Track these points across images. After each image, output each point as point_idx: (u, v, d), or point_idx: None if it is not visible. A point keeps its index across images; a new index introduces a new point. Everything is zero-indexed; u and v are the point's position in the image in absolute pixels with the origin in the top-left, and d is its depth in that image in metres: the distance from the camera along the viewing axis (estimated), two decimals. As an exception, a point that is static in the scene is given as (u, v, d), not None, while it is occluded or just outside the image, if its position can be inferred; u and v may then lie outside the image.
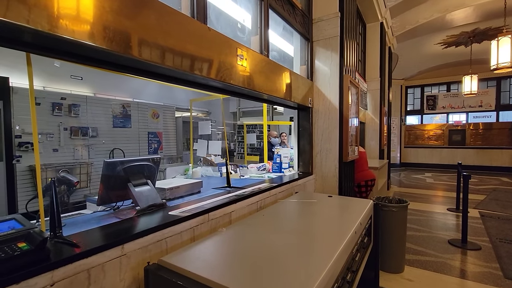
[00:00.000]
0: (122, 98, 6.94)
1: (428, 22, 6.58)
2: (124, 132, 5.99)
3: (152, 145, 6.65)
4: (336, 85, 2.58)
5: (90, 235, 1.00)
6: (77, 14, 0.83)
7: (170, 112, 7.18)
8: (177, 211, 1.30)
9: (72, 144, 5.07)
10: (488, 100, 10.20)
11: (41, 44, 0.85)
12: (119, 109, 5.91)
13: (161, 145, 6.85)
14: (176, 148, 7.35)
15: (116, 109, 5.86)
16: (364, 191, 3.43)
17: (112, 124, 5.74)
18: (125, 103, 6.07)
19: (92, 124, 5.37)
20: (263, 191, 1.83)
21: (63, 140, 4.94)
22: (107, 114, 5.65)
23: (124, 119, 6.00)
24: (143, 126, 6.44)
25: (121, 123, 5.94)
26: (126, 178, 1.35)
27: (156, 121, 6.73)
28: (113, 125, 5.75)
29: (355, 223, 1.34)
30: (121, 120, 5.94)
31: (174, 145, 7.27)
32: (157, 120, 6.75)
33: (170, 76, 1.29)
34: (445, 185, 7.44)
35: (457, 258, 2.97)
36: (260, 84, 1.80)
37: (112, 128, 5.72)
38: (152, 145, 6.65)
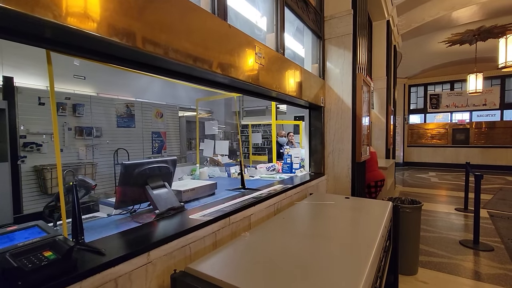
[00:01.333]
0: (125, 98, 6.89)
1: (434, 20, 6.52)
2: (128, 132, 5.95)
3: (155, 144, 6.61)
4: (348, 84, 2.54)
5: (113, 241, 0.95)
6: (102, 8, 0.78)
7: (174, 111, 7.13)
8: (197, 215, 1.25)
9: (77, 144, 5.03)
10: (493, 98, 10.14)
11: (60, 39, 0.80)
12: (123, 109, 5.86)
13: (165, 145, 6.80)
14: (179, 148, 7.31)
15: (120, 109, 5.81)
16: (374, 191, 3.39)
17: (116, 124, 5.69)
18: (129, 102, 6.02)
19: (96, 124, 5.33)
20: (279, 192, 1.79)
21: (68, 140, 4.89)
22: (111, 114, 5.61)
23: (128, 119, 5.96)
24: (147, 126, 6.40)
25: (125, 123, 5.89)
26: (143, 180, 1.30)
27: (160, 121, 6.68)
28: (117, 125, 5.70)
29: (380, 227, 1.30)
30: (125, 120, 5.90)
31: (178, 145, 7.23)
32: (161, 120, 6.70)
33: (190, 75, 1.24)
34: (450, 184, 7.39)
35: (470, 260, 2.93)
36: (275, 82, 1.75)
37: (116, 128, 5.68)
38: (155, 144, 6.61)
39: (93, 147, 5.24)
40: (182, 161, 7.05)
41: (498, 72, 10.07)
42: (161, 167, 1.39)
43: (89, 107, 5.26)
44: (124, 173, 1.25)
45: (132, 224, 1.20)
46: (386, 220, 1.46)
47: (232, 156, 8.88)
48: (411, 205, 2.64)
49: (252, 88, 1.61)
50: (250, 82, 1.46)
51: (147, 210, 1.38)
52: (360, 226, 1.37)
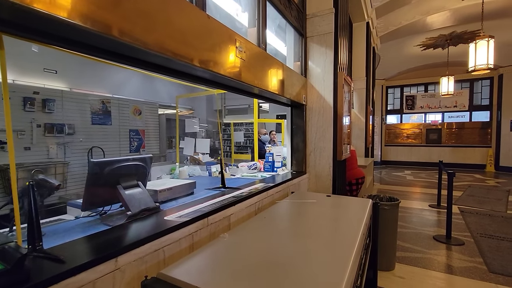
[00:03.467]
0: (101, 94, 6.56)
1: (410, 24, 6.78)
2: (103, 129, 5.67)
3: (133, 143, 6.36)
4: (330, 82, 2.55)
5: (76, 246, 0.87)
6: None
7: (153, 108, 6.89)
8: (173, 215, 1.18)
9: (46, 142, 4.71)
10: (462, 100, 10.74)
11: (17, 21, 0.71)
12: (98, 105, 5.57)
13: (143, 143, 6.56)
14: (159, 146, 7.08)
15: (95, 105, 5.52)
16: (355, 189, 3.45)
17: (90, 121, 5.40)
18: (105, 99, 5.74)
19: (69, 120, 5.02)
20: (261, 191, 1.75)
21: (36, 137, 4.57)
22: (85, 110, 5.31)
23: (103, 116, 5.67)
24: (124, 124, 6.13)
25: (100, 120, 5.60)
26: (115, 180, 1.21)
27: (138, 118, 6.43)
28: (91, 122, 5.41)
29: (361, 225, 1.29)
30: (100, 117, 5.61)
31: (157, 143, 7.00)
32: (139, 117, 6.45)
33: (169, 68, 1.17)
34: (424, 182, 7.74)
35: (443, 254, 3.05)
36: (257, 78, 1.71)
37: (90, 125, 5.38)
38: (133, 143, 6.36)
39: (64, 145, 4.93)
40: (162, 160, 6.84)
41: (468, 75, 10.69)
42: (135, 166, 1.30)
43: (61, 102, 4.94)
44: (93, 172, 1.15)
45: (101, 227, 1.11)
46: (366, 217, 1.46)
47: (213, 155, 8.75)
48: (390, 202, 2.71)
49: (233, 84, 1.56)
50: (231, 77, 1.40)
51: (119, 211, 1.29)
52: (342, 224, 1.36)
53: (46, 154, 4.70)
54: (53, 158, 4.77)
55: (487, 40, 4.88)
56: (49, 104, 4.72)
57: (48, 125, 4.70)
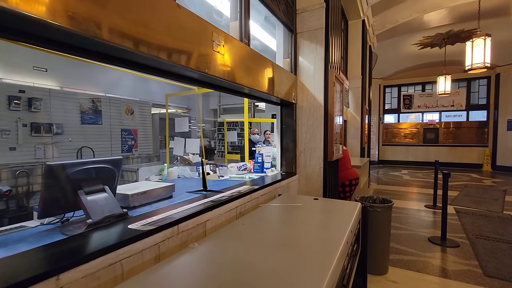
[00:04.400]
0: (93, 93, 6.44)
1: (407, 22, 6.69)
2: (94, 129, 5.55)
3: (126, 143, 6.24)
4: (321, 80, 2.45)
5: (14, 262, 0.76)
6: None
7: (146, 108, 6.77)
8: (139, 223, 1.08)
9: (33, 142, 4.59)
10: (459, 100, 10.68)
11: None
12: (88, 104, 5.45)
13: (136, 143, 6.45)
14: (152, 146, 6.97)
15: (85, 104, 5.40)
16: (348, 190, 3.36)
17: (80, 120, 5.28)
18: (95, 97, 5.61)
19: (57, 120, 4.90)
20: (243, 194, 1.65)
21: (22, 137, 4.45)
22: (74, 109, 5.19)
23: (94, 115, 5.55)
24: (116, 123, 6.01)
25: (90, 120, 5.48)
26: (75, 184, 1.11)
27: (131, 118, 6.31)
28: (81, 122, 5.29)
29: (345, 232, 1.20)
30: (90, 116, 5.49)
31: (151, 143, 6.89)
32: (131, 117, 6.33)
33: (131, 61, 1.06)
34: (421, 182, 7.67)
35: (437, 257, 2.97)
36: (240, 75, 1.61)
37: (80, 124, 5.26)
38: (126, 143, 6.24)
39: (52, 145, 4.81)
40: (155, 160, 6.72)
41: (465, 75, 10.63)
42: (100, 169, 1.20)
43: (48, 101, 4.82)
44: (49, 176, 1.04)
45: (57, 236, 1.01)
46: (353, 223, 1.37)
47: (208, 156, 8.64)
48: (382, 204, 2.62)
49: (210, 80, 1.46)
50: (206, 73, 1.30)
51: (81, 219, 1.19)
52: (325, 231, 1.26)
53: (33, 155, 4.58)
54: (41, 159, 4.65)
55: (483, 39, 4.81)
56: (35, 102, 4.59)
57: (34, 125, 4.58)
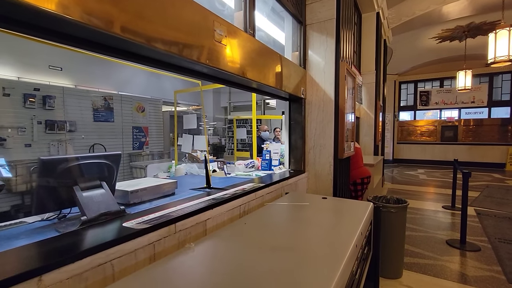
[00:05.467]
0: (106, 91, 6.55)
1: (424, 14, 6.39)
2: (106, 126, 5.63)
3: (137, 140, 6.31)
4: (331, 73, 2.34)
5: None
6: None
7: (157, 105, 6.82)
8: (134, 221, 1.03)
9: (48, 139, 4.70)
10: (481, 96, 10.17)
11: None
12: (100, 102, 5.53)
13: (147, 140, 6.51)
14: (163, 143, 7.02)
15: (97, 102, 5.48)
16: (360, 189, 3.22)
17: (92, 117, 5.37)
18: (107, 95, 5.69)
19: (70, 117, 5.00)
20: (248, 192, 1.58)
21: (37, 134, 4.56)
22: (86, 107, 5.28)
23: (106, 113, 5.64)
24: (128, 120, 6.09)
25: (102, 117, 5.57)
26: (70, 180, 1.07)
27: (142, 115, 6.37)
28: (93, 119, 5.38)
29: (355, 235, 1.10)
30: (102, 114, 5.57)
31: (161, 141, 6.94)
32: (143, 114, 6.39)
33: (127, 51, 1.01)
34: (438, 181, 7.35)
35: (456, 261, 2.80)
36: (245, 68, 1.53)
37: (92, 122, 5.36)
38: (137, 140, 6.31)
39: (66, 142, 4.92)
40: (165, 157, 6.77)
41: (487, 69, 10.10)
42: (97, 164, 1.16)
43: (62, 99, 4.92)
44: (42, 171, 1.01)
45: (50, 233, 0.97)
46: (363, 225, 1.27)
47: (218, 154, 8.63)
48: (397, 204, 2.48)
49: (212, 72, 1.39)
50: (207, 64, 1.24)
51: (77, 215, 1.15)
52: (332, 233, 1.17)
53: (48, 151, 4.70)
54: (55, 155, 4.76)
55: (508, 30, 4.51)
56: (49, 100, 4.70)
57: (49, 122, 4.69)
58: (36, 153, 4.54)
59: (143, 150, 6.36)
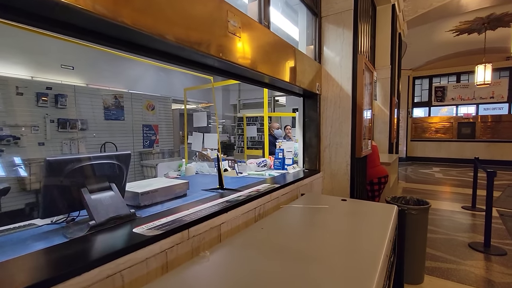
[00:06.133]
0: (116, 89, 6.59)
1: (442, 5, 6.11)
2: (117, 124, 5.66)
3: (147, 138, 6.32)
4: (348, 68, 2.22)
5: (-2, 273, 0.66)
6: None
7: (166, 103, 6.82)
8: (145, 227, 0.96)
9: (60, 137, 4.75)
10: (500, 91, 9.73)
11: None
12: (110, 100, 5.55)
13: (157, 138, 6.51)
14: (173, 141, 7.02)
15: (108, 100, 5.50)
16: (377, 189, 3.09)
17: (103, 116, 5.40)
18: (117, 93, 5.71)
19: (82, 116, 5.03)
20: (263, 194, 1.50)
21: (50, 133, 4.61)
22: (97, 105, 5.31)
23: (116, 111, 5.66)
24: (138, 119, 6.10)
25: (113, 115, 5.59)
26: (78, 182, 1.01)
27: (151, 113, 6.38)
28: (104, 117, 5.41)
29: (384, 243, 1.00)
30: (113, 112, 5.60)
31: (171, 139, 6.94)
32: (153, 112, 6.40)
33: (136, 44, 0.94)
34: (455, 180, 7.08)
35: (481, 266, 2.64)
36: (259, 62, 1.44)
37: (103, 120, 5.38)
38: (147, 138, 6.32)
39: (78, 140, 4.96)
40: (175, 156, 6.77)
41: (507, 63, 9.65)
42: (106, 165, 1.10)
43: (73, 98, 4.96)
44: (49, 172, 0.95)
45: (57, 239, 0.91)
46: (390, 231, 1.17)
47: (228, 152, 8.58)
48: (418, 206, 2.35)
49: (226, 67, 1.31)
50: (220, 58, 1.15)
51: (85, 219, 1.09)
52: (358, 241, 1.08)
53: (60, 150, 4.75)
54: (67, 154, 4.81)
55: (535, 20, 4.23)
56: (61, 99, 4.74)
57: (61, 121, 4.73)
58: (49, 151, 4.59)
59: (153, 148, 6.37)
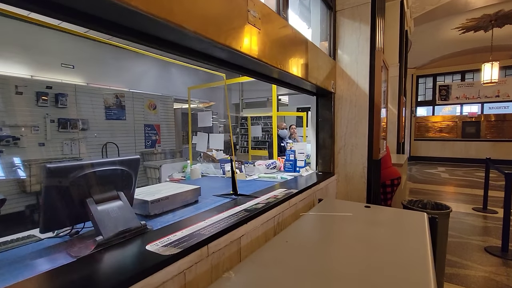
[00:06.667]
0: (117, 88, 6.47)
1: (450, 2, 5.99)
2: (118, 124, 5.53)
3: (149, 138, 6.20)
4: (365, 64, 2.10)
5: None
6: None
7: (168, 103, 6.69)
8: (159, 243, 0.84)
9: (61, 137, 4.63)
10: (506, 89, 9.61)
11: None
12: (112, 100, 5.43)
13: (159, 138, 6.39)
14: (175, 141, 6.90)
15: (109, 100, 5.38)
16: (390, 191, 2.97)
17: (104, 115, 5.28)
18: (119, 93, 5.59)
19: (82, 115, 4.91)
20: (281, 201, 1.38)
21: (50, 133, 4.49)
22: (98, 104, 5.19)
23: (118, 111, 5.53)
24: (139, 118, 5.98)
25: (114, 115, 5.47)
26: (83, 191, 0.89)
27: (153, 113, 6.25)
28: (105, 117, 5.29)
29: (428, 257, 0.89)
30: (114, 112, 5.47)
31: (173, 139, 6.82)
32: (154, 112, 6.27)
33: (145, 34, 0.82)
34: (462, 180, 6.97)
35: (501, 272, 2.53)
36: (277, 57, 1.32)
37: (104, 120, 5.26)
38: (149, 138, 6.20)
39: (79, 141, 4.84)
40: (178, 156, 6.65)
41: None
42: (114, 171, 0.98)
43: (74, 97, 4.83)
44: (49, 181, 0.83)
45: (62, 258, 0.80)
46: (429, 243, 1.05)
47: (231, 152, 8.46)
48: (437, 210, 2.24)
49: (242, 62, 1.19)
50: (241, 52, 1.04)
51: (92, 232, 0.98)
52: (400, 254, 0.96)
53: (61, 150, 4.63)
54: (68, 154, 4.69)
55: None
56: (62, 98, 4.61)
57: (61, 120, 4.61)
58: (49, 152, 4.47)
59: (155, 148, 6.25)
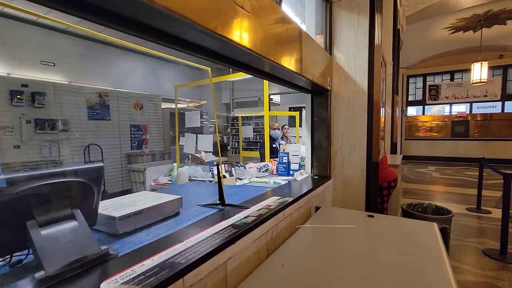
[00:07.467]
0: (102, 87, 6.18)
1: (441, 0, 5.97)
2: (102, 125, 5.25)
3: (136, 139, 5.93)
4: (363, 60, 1.95)
5: None
6: None
7: (156, 102, 6.43)
8: (119, 278, 0.66)
9: (38, 139, 4.33)
10: (494, 89, 9.75)
11: None
12: (94, 99, 5.14)
13: (146, 139, 6.13)
14: (163, 142, 6.65)
15: (91, 99, 5.09)
16: (386, 194, 2.84)
17: (87, 116, 4.99)
18: (102, 91, 5.30)
19: (63, 116, 4.62)
20: (275, 212, 1.21)
21: (26, 134, 4.19)
22: (80, 104, 4.90)
23: (101, 110, 5.25)
24: (125, 118, 5.71)
25: (98, 115, 5.18)
26: (24, 212, 0.70)
27: (140, 113, 5.99)
28: (88, 117, 5.00)
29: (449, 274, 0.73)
30: (98, 112, 5.19)
31: (161, 140, 6.57)
32: (141, 112, 6.00)
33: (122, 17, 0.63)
34: (453, 179, 6.98)
35: (503, 277, 2.43)
36: (268, 47, 1.15)
37: (87, 120, 4.98)
38: (136, 139, 5.93)
39: (58, 142, 4.54)
40: (166, 158, 6.40)
41: (501, 61, 9.66)
42: (66, 184, 0.79)
43: (53, 96, 4.54)
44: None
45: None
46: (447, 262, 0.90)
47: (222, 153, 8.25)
48: (439, 215, 2.12)
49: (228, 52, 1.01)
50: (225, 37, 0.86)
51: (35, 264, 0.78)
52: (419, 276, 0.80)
53: (39, 153, 4.32)
54: (46, 157, 4.39)
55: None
56: (39, 97, 4.31)
57: (39, 121, 4.31)
58: (25, 154, 4.17)
59: (142, 149, 5.99)
